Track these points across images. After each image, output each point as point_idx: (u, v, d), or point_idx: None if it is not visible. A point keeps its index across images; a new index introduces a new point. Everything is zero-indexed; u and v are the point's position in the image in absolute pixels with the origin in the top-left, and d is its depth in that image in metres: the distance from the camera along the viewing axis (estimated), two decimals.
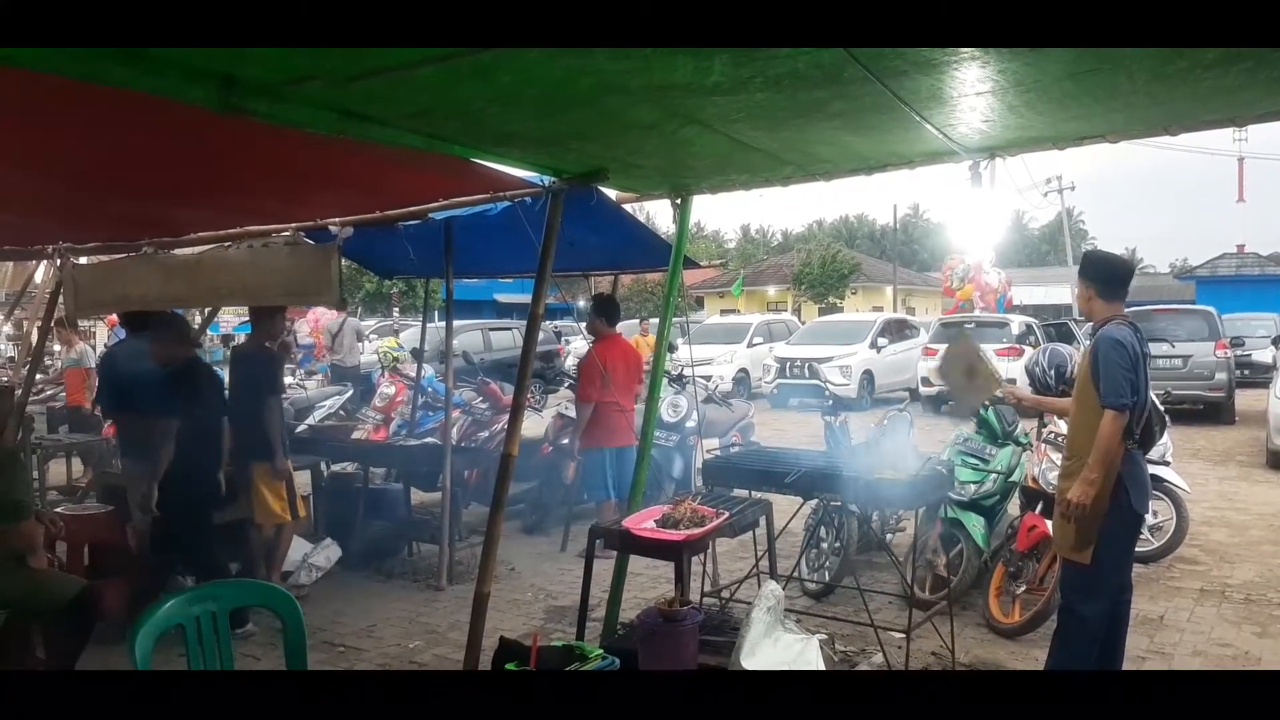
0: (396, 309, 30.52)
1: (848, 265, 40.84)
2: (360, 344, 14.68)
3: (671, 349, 6.98)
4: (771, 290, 43.40)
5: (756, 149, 3.67)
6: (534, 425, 7.93)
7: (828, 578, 5.74)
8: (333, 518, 6.87)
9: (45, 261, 7.36)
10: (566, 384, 10.20)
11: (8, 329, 12.20)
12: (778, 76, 2.70)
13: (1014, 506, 5.75)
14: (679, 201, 4.62)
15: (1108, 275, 3.94)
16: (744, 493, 4.75)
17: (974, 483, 5.52)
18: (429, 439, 8.14)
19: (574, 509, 7.31)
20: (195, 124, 3.13)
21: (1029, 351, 13.63)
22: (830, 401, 6.80)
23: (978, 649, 4.91)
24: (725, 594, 5.09)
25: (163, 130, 3.36)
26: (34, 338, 8.82)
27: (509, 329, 19.48)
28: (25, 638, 4.32)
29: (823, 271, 39.80)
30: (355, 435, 8.81)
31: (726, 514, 4.23)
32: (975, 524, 5.42)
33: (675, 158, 3.86)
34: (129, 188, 4.36)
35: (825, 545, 5.85)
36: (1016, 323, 17.07)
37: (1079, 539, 3.77)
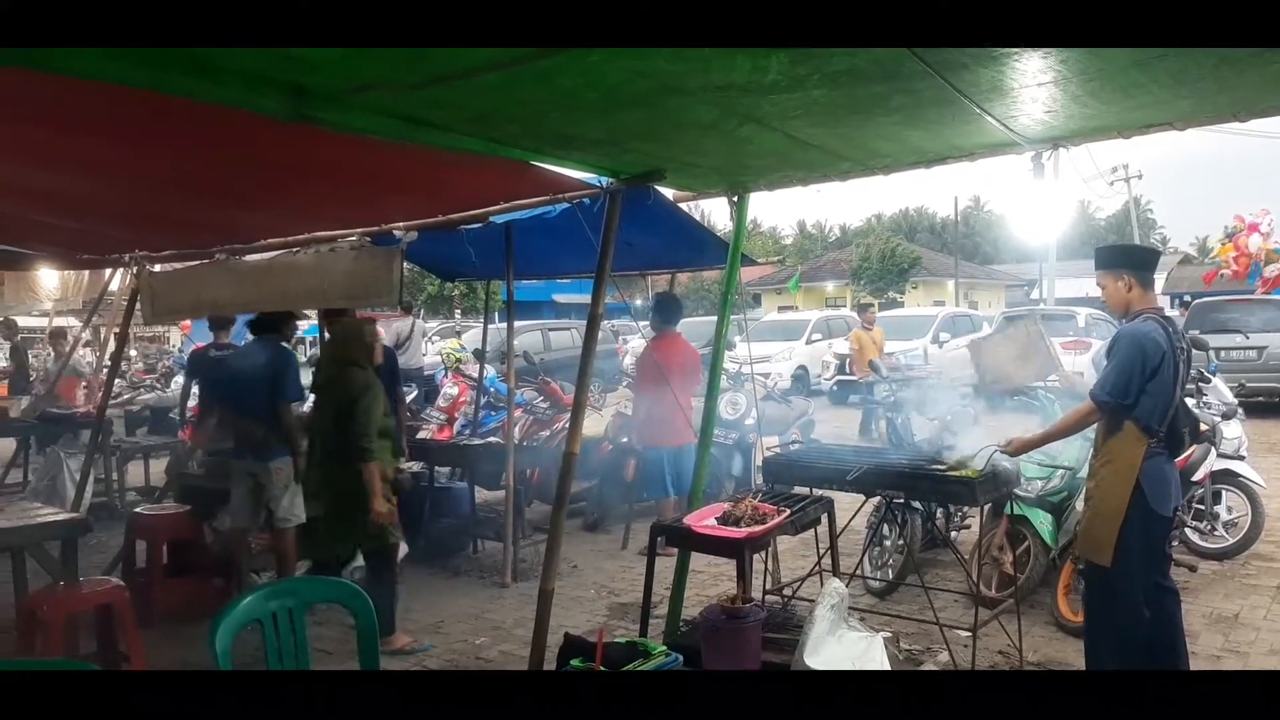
0: (458, 311, 30.93)
1: (907, 259, 40.29)
2: (424, 346, 14.91)
3: (729, 346, 6.97)
4: (829, 286, 43.01)
5: (814, 145, 3.66)
6: (594, 424, 7.99)
7: (891, 575, 5.70)
8: (400, 515, 7.00)
9: (121, 269, 7.65)
10: (624, 382, 10.26)
11: (85, 335, 12.68)
12: (835, 74, 2.70)
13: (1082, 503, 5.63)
14: (736, 199, 4.63)
15: (1142, 262, 3.86)
16: (805, 490, 4.74)
17: (1041, 479, 5.42)
18: (491, 438, 8.25)
19: (634, 507, 7.35)
20: (265, 134, 3.24)
21: (1096, 345, 13.31)
22: (892, 398, 6.72)
23: (1046, 648, 4.83)
24: (787, 592, 5.08)
25: (234, 140, 3.48)
26: (111, 344, 9.16)
27: (568, 329, 19.61)
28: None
29: (882, 266, 39.33)
30: (420, 435, 8.96)
31: (788, 511, 4.23)
32: (1042, 521, 5.32)
33: (732, 156, 3.87)
34: (202, 196, 4.51)
35: (888, 543, 5.80)
36: (1083, 315, 16.68)
37: (1098, 540, 3.70)
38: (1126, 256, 3.91)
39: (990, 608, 4.83)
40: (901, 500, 5.22)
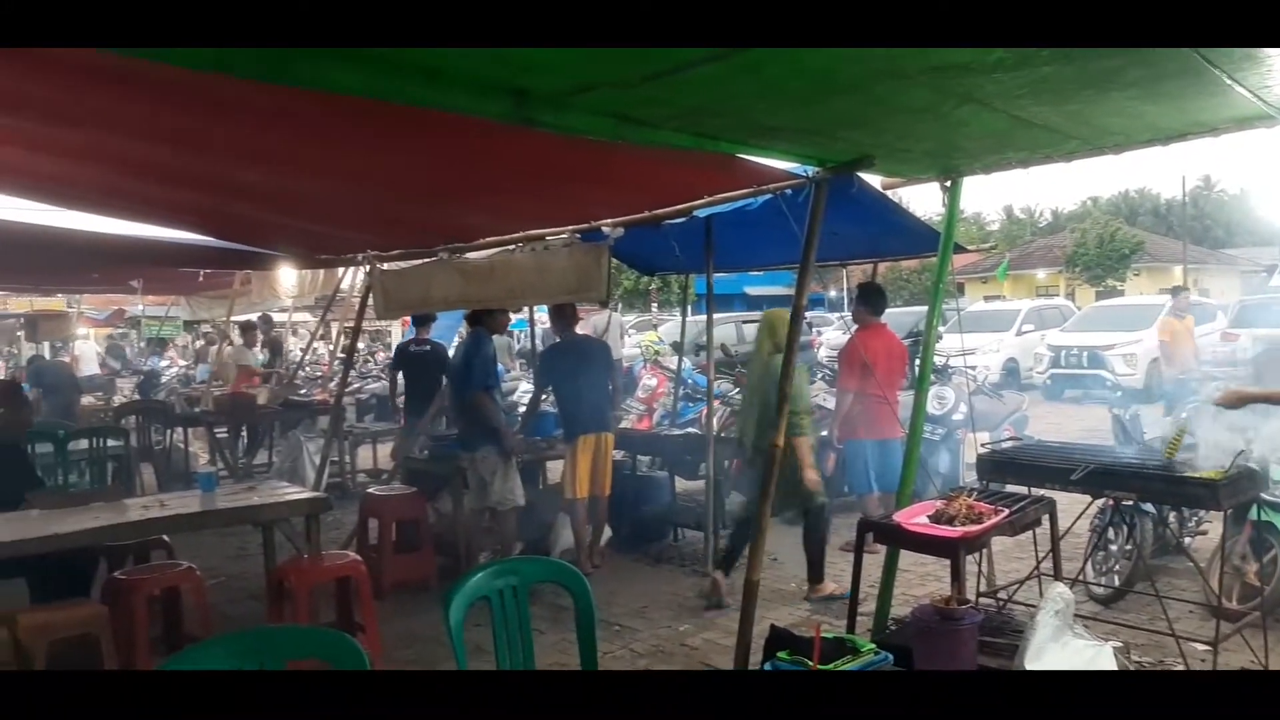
0: (655, 304, 31.45)
1: (1128, 244, 37.37)
2: (622, 339, 15.28)
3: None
4: (1040, 274, 40.50)
5: (1038, 125, 3.45)
6: None
7: (1117, 582, 5.34)
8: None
9: (354, 268, 8.29)
10: (820, 375, 10.11)
11: (316, 328, 13.89)
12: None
13: None
14: (948, 184, 4.45)
15: None
16: (1021, 489, 4.51)
17: None
18: (690, 429, 8.35)
19: (834, 501, 7.23)
20: (485, 138, 3.42)
21: None
22: (1119, 393, 6.28)
23: None
24: (1003, 595, 4.86)
25: (457, 146, 3.69)
26: (345, 338, 9.94)
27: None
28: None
29: (1100, 252, 36.68)
30: (621, 425, 9.20)
31: (1006, 511, 4.04)
32: None
33: (946, 139, 3.72)
34: (427, 199, 4.82)
35: (1114, 548, 5.43)
36: None
37: None
38: None
39: (1232, 620, 4.44)
40: (1131, 502, 4.88)
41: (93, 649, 4.12)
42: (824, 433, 7.54)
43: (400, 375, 8.51)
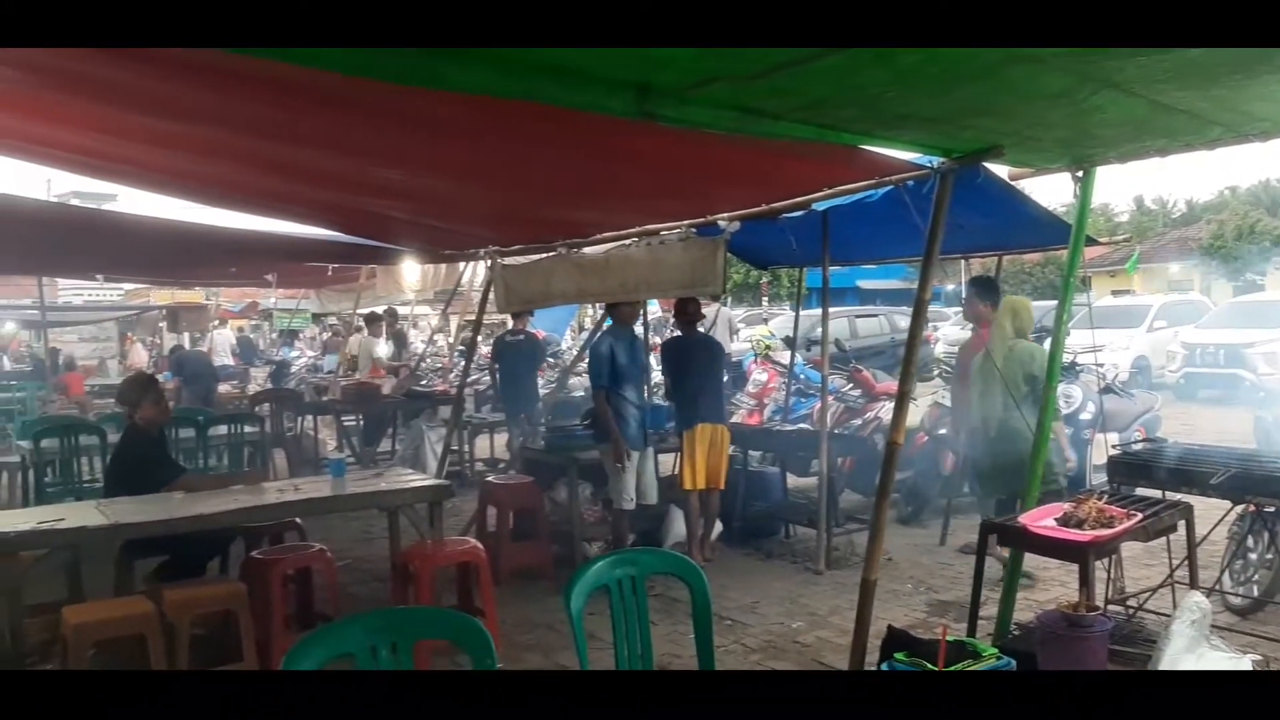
0: (765, 298, 31.22)
1: (1271, 236, 35.11)
2: (732, 334, 15.23)
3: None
4: (1173, 267, 38.43)
5: (1180, 110, 3.28)
6: (909, 414, 7.75)
7: (1256, 593, 5.05)
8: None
9: (475, 263, 8.52)
10: (937, 371, 9.86)
11: (436, 321, 14.32)
12: None
13: None
14: (1080, 174, 4.28)
15: None
16: (1153, 493, 4.32)
17: None
18: (802, 425, 8.27)
19: (952, 501, 7.06)
20: (605, 135, 3.46)
21: None
22: (1260, 394, 5.92)
23: None
24: (1133, 603, 4.66)
25: (578, 142, 3.75)
26: (467, 331, 10.19)
27: (875, 315, 19.10)
28: None
29: (1239, 244, 34.57)
30: (732, 420, 9.18)
31: (1139, 515, 3.87)
32: None
33: (1081, 127, 3.57)
34: (547, 195, 4.91)
35: (1254, 556, 5.15)
36: None
37: None
38: None
39: None
40: (1273, 509, 4.61)
41: (232, 625, 4.36)
42: (943, 431, 7.37)
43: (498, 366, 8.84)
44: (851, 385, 8.95)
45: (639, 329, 6.80)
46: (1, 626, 4.15)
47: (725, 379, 6.94)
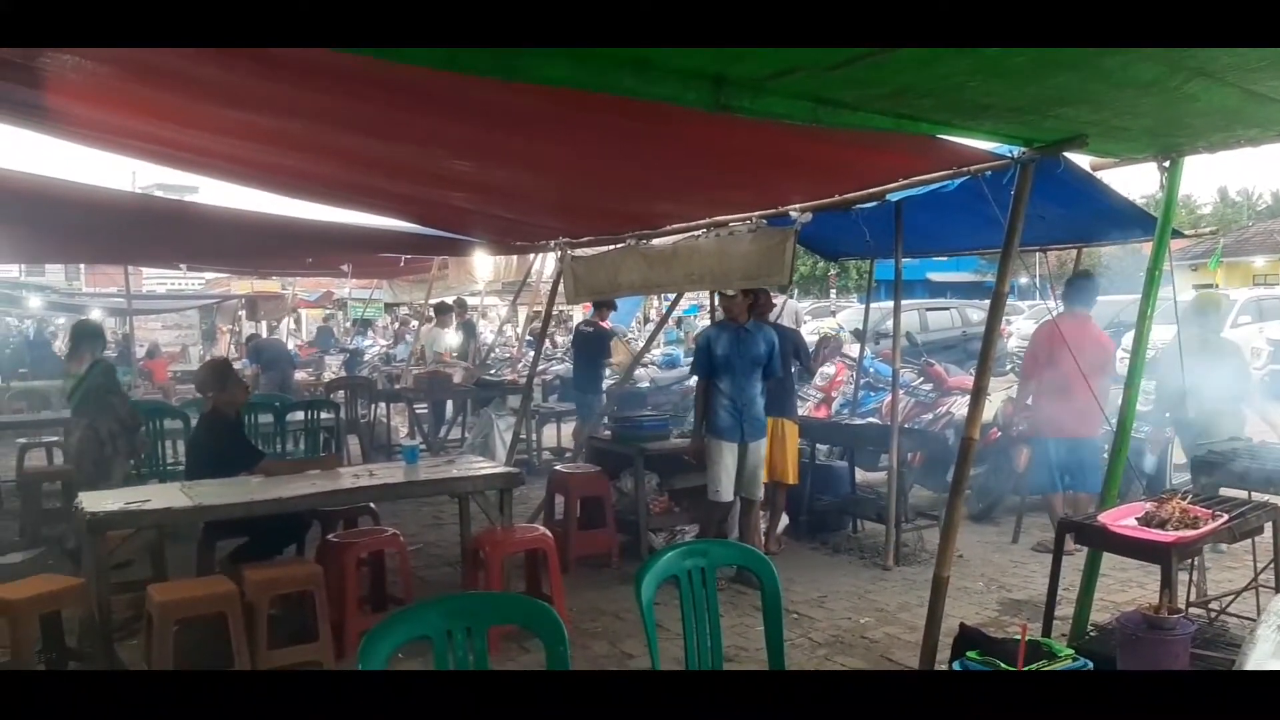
0: (832, 290, 30.90)
1: None
2: (798, 326, 15.10)
3: None
4: (1259, 261, 36.94)
5: (1274, 100, 3.16)
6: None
7: None
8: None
9: (545, 254, 8.61)
10: (1010, 366, 9.66)
11: (505, 312, 14.51)
12: None
13: None
14: (1167, 164, 4.15)
15: None
16: (1238, 494, 4.18)
17: None
18: (870, 419, 8.18)
19: (1026, 499, 6.91)
20: (678, 126, 3.46)
21: None
22: None
23: None
24: (1215, 606, 4.52)
25: (651, 133, 3.75)
26: (535, 322, 10.28)
27: (947, 309, 18.76)
28: None
29: None
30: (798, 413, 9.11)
31: (1225, 517, 3.75)
32: None
33: (1169, 116, 3.46)
34: (619, 187, 4.93)
35: None
36: None
37: None
38: None
39: None
40: None
41: (307, 605, 4.48)
42: (1023, 426, 7.20)
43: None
44: (922, 379, 8.81)
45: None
46: (90, 603, 4.31)
47: (805, 368, 6.88)
